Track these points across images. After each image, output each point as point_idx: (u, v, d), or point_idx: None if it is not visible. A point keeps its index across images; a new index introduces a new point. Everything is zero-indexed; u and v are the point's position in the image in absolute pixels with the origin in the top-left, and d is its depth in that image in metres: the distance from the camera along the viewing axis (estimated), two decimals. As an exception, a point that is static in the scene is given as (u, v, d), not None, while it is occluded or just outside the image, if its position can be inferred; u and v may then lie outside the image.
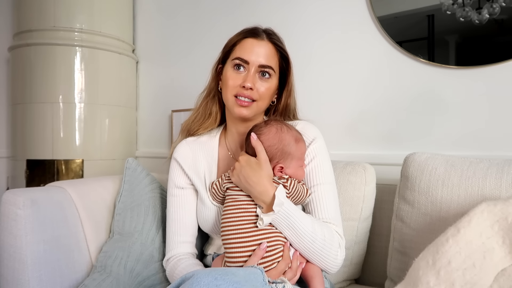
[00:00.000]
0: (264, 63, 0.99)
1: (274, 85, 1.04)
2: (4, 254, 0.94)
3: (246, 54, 0.99)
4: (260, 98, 1.00)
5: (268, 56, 1.00)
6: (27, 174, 1.82)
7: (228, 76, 1.01)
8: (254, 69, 0.99)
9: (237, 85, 0.99)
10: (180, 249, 1.04)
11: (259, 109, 1.02)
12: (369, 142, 1.49)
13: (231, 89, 1.00)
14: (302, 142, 0.97)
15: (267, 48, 1.01)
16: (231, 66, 1.01)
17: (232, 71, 1.01)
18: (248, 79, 0.97)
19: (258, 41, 1.01)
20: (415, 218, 1.06)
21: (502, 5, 1.23)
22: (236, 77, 0.99)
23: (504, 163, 1.00)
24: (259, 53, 0.99)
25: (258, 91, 0.99)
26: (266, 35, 1.03)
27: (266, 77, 1.01)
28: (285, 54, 1.05)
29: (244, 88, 0.98)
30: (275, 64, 1.02)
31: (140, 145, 2.17)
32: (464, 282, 0.74)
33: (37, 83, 1.80)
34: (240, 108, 0.99)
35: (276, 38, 1.04)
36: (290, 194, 0.92)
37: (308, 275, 0.91)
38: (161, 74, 2.09)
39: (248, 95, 0.98)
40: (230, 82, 1.00)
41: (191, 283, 0.65)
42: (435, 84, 1.36)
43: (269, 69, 1.00)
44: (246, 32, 1.03)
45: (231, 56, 1.02)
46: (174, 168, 1.08)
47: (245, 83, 0.97)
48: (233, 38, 1.05)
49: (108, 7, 1.93)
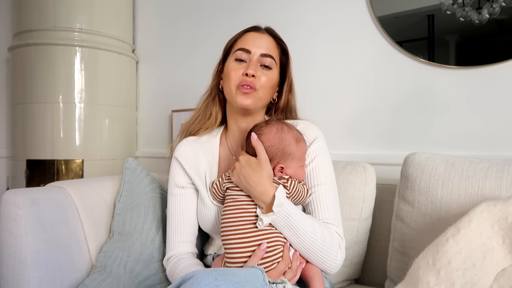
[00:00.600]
0: (265, 52, 1.01)
1: (276, 77, 1.04)
2: (4, 254, 0.94)
3: (248, 45, 1.02)
4: (261, 88, 1.00)
5: (269, 47, 1.03)
6: (27, 174, 1.82)
7: (230, 68, 1.02)
8: (256, 58, 1.01)
9: (239, 75, 1.00)
10: (180, 249, 1.04)
11: (260, 100, 1.02)
12: (369, 142, 1.49)
13: (234, 80, 1.00)
14: (303, 142, 0.97)
15: (268, 41, 1.04)
16: (233, 59, 1.02)
17: (234, 63, 1.02)
18: (250, 67, 0.99)
19: (259, 34, 1.04)
20: (415, 218, 1.06)
21: (502, 5, 1.23)
22: (238, 68, 1.01)
23: (504, 163, 1.00)
24: (260, 44, 1.02)
25: (259, 80, 1.00)
26: (266, 30, 1.07)
27: (267, 69, 1.02)
28: (285, 47, 1.07)
29: (246, 76, 0.98)
30: (276, 56, 1.04)
31: (140, 145, 2.17)
32: (464, 282, 0.74)
33: (37, 83, 1.80)
34: (242, 96, 0.99)
35: (275, 33, 1.08)
36: (290, 195, 0.92)
37: (308, 275, 0.91)
38: (161, 74, 2.09)
39: (250, 81, 0.98)
40: (232, 74, 1.00)
41: (191, 284, 0.65)
42: (435, 84, 1.36)
43: (270, 59, 1.02)
44: (246, 29, 1.07)
45: (233, 50, 1.04)
46: (175, 167, 1.08)
47: (247, 71, 0.98)
48: (234, 36, 1.07)
49: (108, 7, 1.93)
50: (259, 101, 1.02)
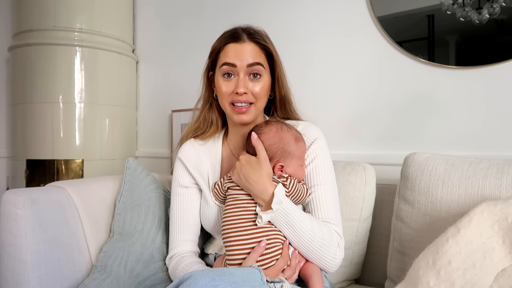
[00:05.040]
0: (251, 61, 0.98)
1: (267, 82, 1.03)
2: (4, 254, 0.94)
3: (232, 58, 0.98)
4: (257, 99, 1.00)
5: (254, 55, 0.99)
6: (27, 174, 1.82)
7: (220, 84, 1.01)
8: (243, 72, 0.98)
9: (230, 92, 0.99)
10: (183, 247, 1.04)
11: (258, 110, 1.02)
12: (369, 142, 1.49)
13: (226, 97, 1.00)
14: (302, 142, 0.98)
15: (250, 48, 1.00)
16: (220, 74, 1.01)
17: (222, 80, 1.00)
18: (240, 84, 0.97)
19: (240, 45, 0.99)
20: (415, 218, 1.06)
21: (502, 5, 1.23)
22: (228, 85, 0.99)
23: (504, 163, 1.00)
24: (244, 55, 0.98)
25: (252, 92, 0.99)
26: (247, 35, 1.00)
27: (257, 78, 1.00)
28: (269, 50, 1.03)
29: (238, 94, 0.97)
30: (263, 60, 1.01)
31: (140, 145, 2.17)
32: (464, 282, 0.74)
33: (37, 83, 1.80)
34: (239, 115, 0.99)
35: (258, 37, 1.01)
36: (289, 193, 0.92)
37: (307, 273, 0.91)
38: (161, 74, 2.09)
39: (244, 100, 0.98)
40: (223, 90, 1.00)
41: (189, 284, 0.65)
42: (435, 84, 1.36)
43: (258, 66, 0.99)
44: (226, 38, 1.01)
45: (218, 63, 1.02)
46: (179, 167, 1.09)
47: (238, 89, 0.97)
48: (216, 45, 1.03)
49: (108, 7, 1.93)
50: (257, 112, 1.02)
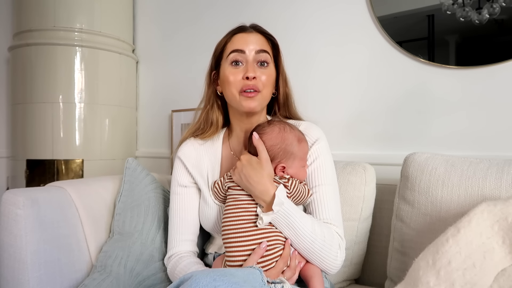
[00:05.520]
0: (260, 48, 1.00)
1: (273, 72, 1.04)
2: (4, 254, 0.94)
3: (241, 45, 1.00)
4: (264, 87, 1.00)
5: (261, 43, 1.02)
6: (27, 174, 1.82)
7: (228, 73, 1.00)
8: (252, 58, 0.99)
9: (239, 79, 0.98)
10: (181, 247, 1.04)
11: (264, 99, 1.02)
12: (369, 142, 1.49)
13: (234, 84, 0.99)
14: (305, 142, 0.97)
15: (258, 38, 1.03)
16: (228, 64, 1.01)
17: (230, 68, 1.00)
18: (249, 70, 0.98)
19: (247, 34, 1.03)
20: (415, 218, 1.06)
21: (502, 5, 1.23)
22: (236, 72, 0.99)
23: (504, 163, 1.00)
24: (252, 41, 1.01)
25: (261, 80, 0.99)
26: (253, 28, 1.05)
27: (264, 66, 1.01)
28: (274, 41, 1.06)
29: (247, 80, 0.97)
30: (269, 50, 1.04)
31: (140, 145, 2.17)
32: (464, 282, 0.74)
33: (37, 83, 1.80)
34: (247, 101, 0.98)
35: (263, 29, 1.06)
36: (291, 194, 0.92)
37: (308, 274, 0.91)
38: (161, 74, 2.09)
39: (252, 85, 0.97)
40: (231, 78, 0.99)
41: (189, 284, 0.65)
42: (435, 84, 1.36)
43: (266, 54, 1.01)
44: (233, 30, 1.05)
45: (225, 54, 1.02)
46: (178, 167, 1.09)
47: (248, 74, 0.97)
48: (222, 40, 1.05)
49: (108, 7, 1.93)
50: (263, 101, 1.02)
